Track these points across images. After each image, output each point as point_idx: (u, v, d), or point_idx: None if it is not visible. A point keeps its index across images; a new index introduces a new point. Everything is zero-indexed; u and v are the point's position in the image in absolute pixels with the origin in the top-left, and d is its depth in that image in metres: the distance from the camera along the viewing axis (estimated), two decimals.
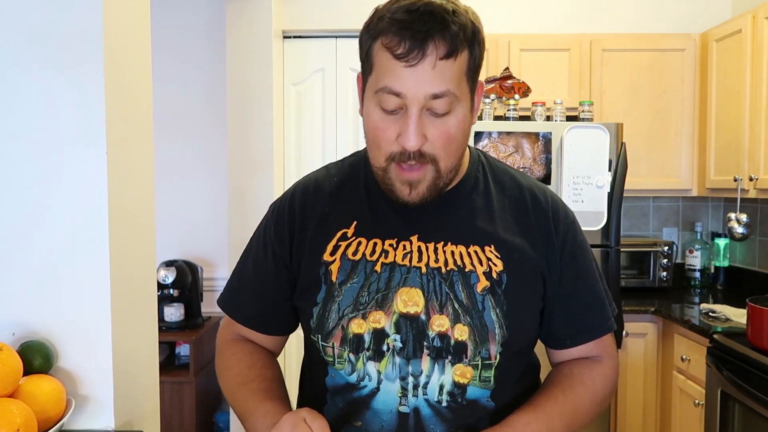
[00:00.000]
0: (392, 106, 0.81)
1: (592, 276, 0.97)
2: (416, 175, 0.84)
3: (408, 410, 0.88)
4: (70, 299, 1.02)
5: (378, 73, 0.82)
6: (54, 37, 1.01)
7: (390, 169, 0.85)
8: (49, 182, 1.01)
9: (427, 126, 0.82)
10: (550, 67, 2.94)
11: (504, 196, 0.96)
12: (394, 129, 0.83)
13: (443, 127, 0.83)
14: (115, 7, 1.07)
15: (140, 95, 1.17)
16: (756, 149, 2.52)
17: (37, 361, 0.98)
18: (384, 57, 0.80)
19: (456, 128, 0.84)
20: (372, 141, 0.86)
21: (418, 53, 0.78)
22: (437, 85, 0.79)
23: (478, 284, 0.88)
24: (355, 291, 0.89)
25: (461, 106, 0.84)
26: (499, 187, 0.96)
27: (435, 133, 0.83)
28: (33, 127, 1.01)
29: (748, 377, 1.98)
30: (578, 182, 2.46)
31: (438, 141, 0.83)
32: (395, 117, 0.82)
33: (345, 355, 0.89)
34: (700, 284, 3.16)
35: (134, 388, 1.11)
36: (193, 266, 3.01)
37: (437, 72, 0.79)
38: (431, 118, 0.82)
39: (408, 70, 0.79)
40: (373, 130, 0.85)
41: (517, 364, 0.94)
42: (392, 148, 0.83)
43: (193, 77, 3.12)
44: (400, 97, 0.80)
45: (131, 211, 1.12)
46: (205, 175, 3.18)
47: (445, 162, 0.85)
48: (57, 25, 1.01)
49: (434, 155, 0.84)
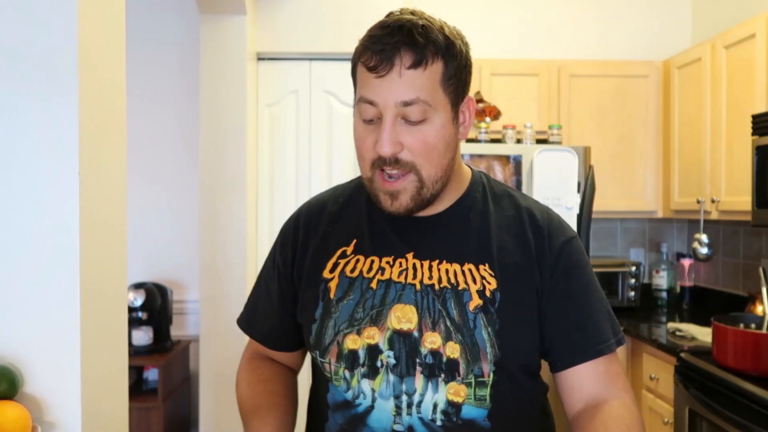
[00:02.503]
0: (369, 115, 0.87)
1: (589, 296, 0.95)
2: (397, 185, 0.88)
3: (402, 429, 0.88)
4: (38, 323, 1.00)
5: (358, 87, 0.89)
6: (28, 56, 1.00)
7: (374, 178, 0.89)
8: (20, 203, 1.00)
9: (402, 134, 0.86)
10: (520, 91, 3.02)
11: (502, 216, 0.97)
12: (372, 138, 0.87)
13: (419, 135, 0.86)
14: (90, 26, 1.06)
15: (114, 115, 1.16)
16: (717, 172, 2.60)
17: (1, 386, 0.95)
18: (361, 72, 0.87)
19: (434, 137, 0.86)
20: (358, 152, 0.91)
21: (387, 64, 0.83)
22: (406, 93, 0.84)
23: (470, 302, 0.89)
24: (351, 307, 0.91)
25: (438, 116, 0.87)
26: (498, 208, 0.97)
27: (411, 141, 0.86)
28: (3, 147, 1.00)
29: (714, 395, 2.03)
30: (548, 204, 2.50)
31: (415, 148, 0.86)
32: (373, 127, 0.87)
33: (341, 372, 0.91)
34: (666, 304, 3.23)
35: (103, 414, 1.09)
36: (162, 288, 2.96)
37: (405, 81, 0.84)
38: (407, 126, 0.86)
39: (378, 80, 0.84)
40: (357, 141, 0.90)
41: (517, 384, 0.92)
42: (371, 156, 0.87)
43: (165, 97, 3.11)
44: (374, 106, 0.85)
45: (103, 233, 1.10)
46: (175, 196, 3.15)
47: (427, 171, 0.87)
48: (31, 45, 1.00)
49: (413, 162, 0.86)
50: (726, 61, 2.56)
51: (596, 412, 0.88)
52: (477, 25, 3.29)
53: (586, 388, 0.92)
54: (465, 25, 3.46)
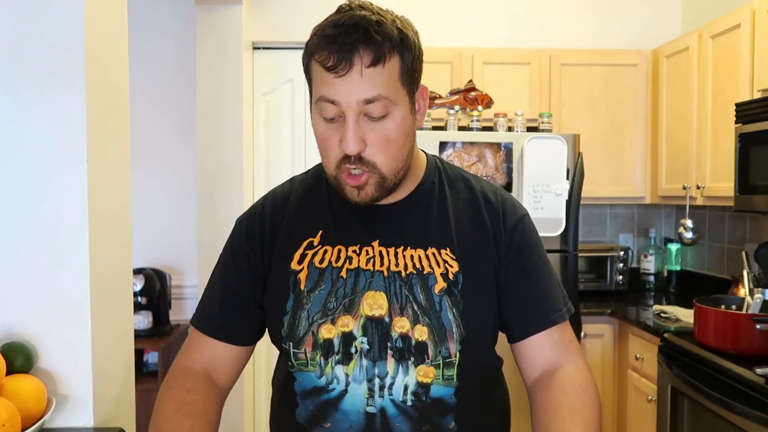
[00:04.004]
0: (331, 114, 0.87)
1: (541, 270, 1.00)
2: (361, 180, 0.90)
3: (375, 410, 0.92)
4: (50, 303, 1.06)
5: (316, 85, 0.89)
6: (36, 48, 1.05)
7: (339, 176, 0.91)
8: (32, 191, 1.05)
9: (365, 131, 0.88)
10: (511, 80, 3.07)
11: (458, 199, 1.01)
12: (336, 137, 0.88)
13: (382, 131, 0.88)
14: (95, 19, 1.11)
15: (118, 106, 1.22)
16: (703, 159, 2.67)
17: (18, 361, 1.01)
18: (318, 70, 0.87)
19: (395, 131, 0.89)
20: (321, 150, 0.92)
21: (346, 64, 0.84)
22: (368, 91, 0.85)
23: (435, 285, 0.93)
24: (323, 298, 0.93)
25: (398, 109, 0.89)
26: (454, 192, 1.02)
27: (374, 137, 0.88)
28: (16, 139, 1.05)
29: (695, 373, 2.11)
30: (538, 190, 2.58)
31: (377, 145, 0.88)
32: (336, 125, 0.88)
33: (317, 359, 0.93)
34: (654, 287, 3.32)
35: (112, 388, 1.15)
36: (161, 274, 3.02)
37: (366, 79, 0.85)
38: (369, 123, 0.88)
39: (339, 80, 0.85)
40: (320, 140, 0.91)
41: (478, 362, 0.97)
42: (338, 154, 0.89)
43: (162, 86, 3.15)
44: (336, 105, 0.86)
45: (109, 218, 1.16)
46: (173, 183, 3.20)
47: (387, 166, 0.90)
48: (39, 37, 1.05)
49: (374, 161, 0.89)
50: (712, 51, 2.61)
51: (553, 377, 0.94)
52: (469, 15, 3.34)
53: (543, 355, 0.97)
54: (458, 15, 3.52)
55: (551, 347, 0.97)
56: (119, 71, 1.23)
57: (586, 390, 0.92)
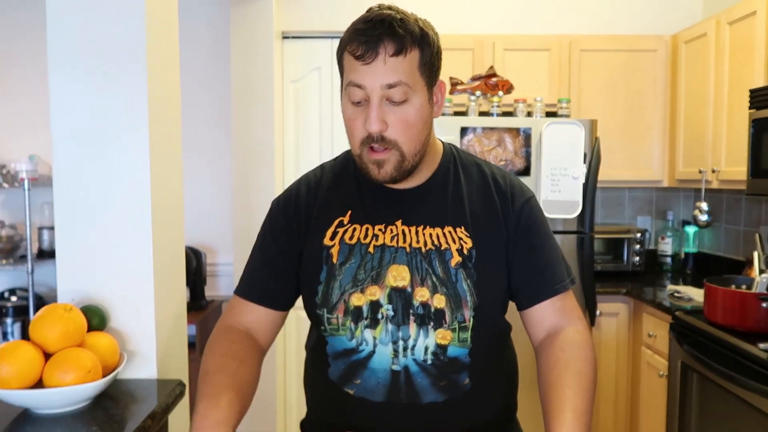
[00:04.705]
0: (358, 98, 1.00)
1: (546, 246, 1.13)
2: (383, 156, 1.02)
3: (399, 368, 1.04)
4: (120, 272, 1.22)
5: (346, 72, 1.02)
6: (105, 48, 1.20)
7: (363, 153, 1.03)
8: (104, 173, 1.21)
9: (387, 114, 1.00)
10: (531, 66, 3.15)
11: (472, 183, 1.13)
12: (361, 118, 1.01)
13: (402, 114, 1.01)
14: (153, 21, 1.26)
15: (172, 95, 1.36)
16: (718, 144, 2.74)
17: (94, 320, 1.18)
18: (348, 59, 1.00)
19: (413, 116, 1.01)
20: (348, 131, 1.05)
21: (372, 53, 0.97)
22: (390, 77, 0.98)
23: (452, 260, 1.05)
24: (353, 270, 1.05)
25: (417, 97, 1.01)
26: (467, 176, 1.14)
27: (394, 120, 1.00)
28: (88, 126, 1.21)
29: (704, 349, 2.22)
30: (556, 174, 2.68)
31: (397, 126, 1.00)
32: (362, 108, 1.01)
33: (348, 324, 1.05)
34: (671, 269, 3.40)
35: (171, 346, 1.32)
36: (197, 252, 3.20)
37: (389, 66, 0.98)
38: (391, 107, 1.00)
39: (365, 67, 0.98)
40: (347, 122, 1.04)
41: (490, 326, 1.09)
42: (362, 134, 1.02)
43: (198, 73, 3.30)
44: (362, 89, 0.99)
45: (166, 196, 1.31)
46: (208, 167, 3.37)
47: (407, 146, 1.02)
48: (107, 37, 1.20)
49: (395, 140, 1.01)
50: (729, 37, 2.67)
51: (555, 338, 1.07)
52: (491, 2, 3.42)
53: (548, 320, 1.10)
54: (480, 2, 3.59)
55: (554, 313, 1.10)
56: (172, 63, 1.37)
57: (582, 348, 1.06)
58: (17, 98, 3.38)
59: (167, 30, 1.35)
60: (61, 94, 1.21)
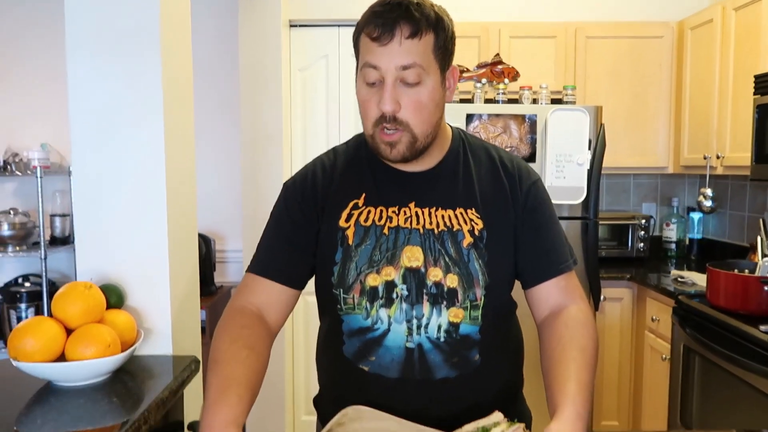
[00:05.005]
0: (372, 79, 1.02)
1: (551, 228, 1.16)
2: (395, 138, 1.04)
3: (413, 346, 1.07)
4: (137, 252, 1.26)
5: (362, 54, 1.04)
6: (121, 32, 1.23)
7: (376, 134, 1.05)
8: (120, 155, 1.25)
9: (401, 95, 1.02)
10: (537, 53, 3.16)
11: (481, 166, 1.16)
12: (375, 99, 1.03)
13: (415, 96, 1.03)
14: (168, 7, 1.29)
15: (185, 81, 1.40)
16: (723, 130, 2.76)
17: (112, 298, 1.22)
18: (365, 42, 1.03)
19: (426, 98, 1.03)
20: (362, 112, 1.06)
21: (388, 35, 1.00)
22: (405, 59, 1.00)
23: (464, 240, 1.08)
24: (368, 251, 1.08)
25: (430, 79, 1.03)
26: (476, 160, 1.16)
27: (407, 101, 1.02)
28: (105, 111, 1.24)
29: (706, 332, 2.25)
30: (560, 160, 2.71)
31: (410, 108, 1.03)
32: (376, 89, 1.03)
33: (363, 303, 1.08)
34: (675, 255, 3.42)
35: (185, 324, 1.36)
36: (206, 239, 3.25)
37: (404, 48, 1.00)
38: (404, 89, 1.02)
39: (381, 48, 1.00)
40: (362, 103, 1.06)
41: (499, 304, 1.12)
42: (375, 114, 1.04)
43: (207, 60, 3.34)
44: (377, 70, 1.01)
45: (180, 180, 1.36)
46: (217, 154, 3.41)
47: (419, 128, 1.04)
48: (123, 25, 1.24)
49: (407, 121, 1.03)
50: (735, 23, 2.68)
51: (558, 316, 1.11)
52: None
53: (551, 299, 1.14)
54: None
55: (558, 292, 1.14)
56: (184, 48, 1.40)
57: (584, 325, 1.09)
58: (29, 88, 3.43)
59: (180, 17, 1.38)
60: (78, 79, 1.25)
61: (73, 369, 1.08)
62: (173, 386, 1.14)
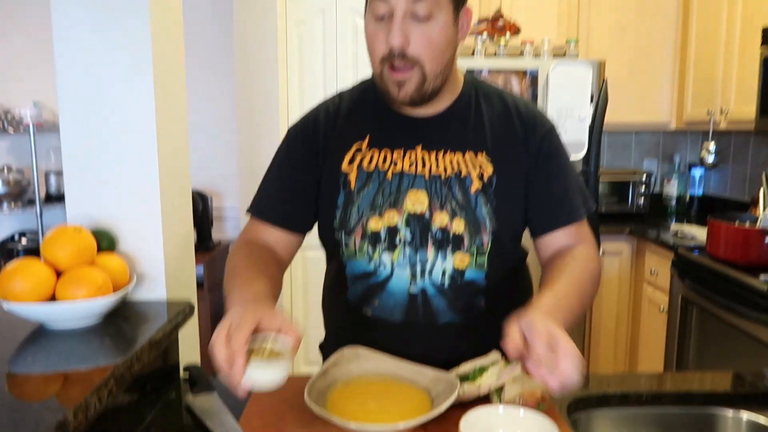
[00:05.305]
0: (381, 12, 0.97)
1: (564, 176, 1.11)
2: (404, 76, 0.99)
3: (416, 291, 1.06)
4: (129, 196, 1.24)
5: None
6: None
7: (383, 72, 1.01)
8: (112, 106, 1.22)
9: (410, 30, 0.97)
10: (540, 6, 3.08)
11: (493, 110, 1.11)
12: (383, 33, 0.98)
13: (426, 31, 0.97)
14: None
15: (174, 32, 1.35)
16: (728, 84, 2.71)
17: (104, 243, 1.20)
18: None
19: (437, 34, 0.98)
20: (369, 48, 1.02)
21: None
22: None
23: (472, 186, 1.05)
24: (371, 195, 1.06)
25: (442, 15, 0.98)
26: (489, 104, 1.12)
27: (417, 37, 0.97)
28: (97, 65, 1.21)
29: (705, 283, 2.25)
30: (562, 115, 2.66)
31: (420, 43, 0.97)
32: (384, 23, 0.98)
33: (365, 248, 1.06)
34: (675, 211, 3.41)
35: (178, 269, 1.35)
36: (203, 196, 3.23)
37: None
38: (414, 24, 0.97)
39: None
40: (369, 38, 1.01)
41: (506, 251, 1.10)
42: (383, 50, 0.99)
43: (200, 17, 3.26)
44: (387, 2, 0.96)
45: (171, 131, 1.32)
46: (212, 111, 3.36)
47: (429, 65, 0.99)
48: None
49: (417, 58, 0.98)
50: None
51: (565, 252, 1.09)
52: None
53: (559, 243, 1.11)
54: None
55: (567, 239, 1.11)
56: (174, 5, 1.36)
57: (589, 262, 1.07)
58: (20, 45, 3.36)
59: None
60: (65, 37, 1.21)
61: (64, 309, 1.07)
62: (167, 329, 1.14)
